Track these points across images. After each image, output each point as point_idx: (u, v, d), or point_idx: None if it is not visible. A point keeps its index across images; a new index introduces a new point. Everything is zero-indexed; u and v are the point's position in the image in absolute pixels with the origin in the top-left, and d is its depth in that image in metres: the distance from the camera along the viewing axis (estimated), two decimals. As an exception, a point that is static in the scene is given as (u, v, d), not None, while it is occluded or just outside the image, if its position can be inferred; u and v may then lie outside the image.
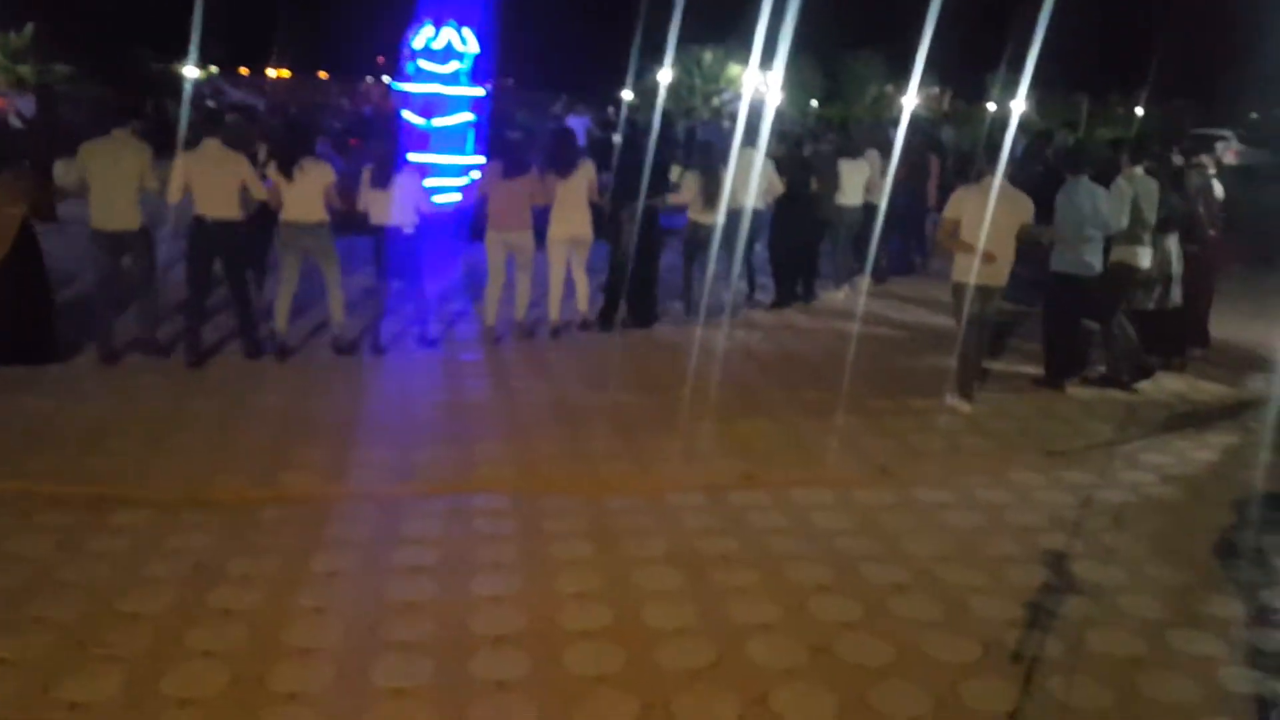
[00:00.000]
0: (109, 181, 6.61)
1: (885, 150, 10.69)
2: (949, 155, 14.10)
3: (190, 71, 23.37)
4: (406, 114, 12.32)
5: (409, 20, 12.71)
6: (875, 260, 10.53)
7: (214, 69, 38.19)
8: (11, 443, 5.38)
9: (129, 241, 6.77)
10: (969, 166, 11.63)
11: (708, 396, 6.74)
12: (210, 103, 21.63)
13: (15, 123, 14.43)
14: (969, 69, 35.03)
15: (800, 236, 9.69)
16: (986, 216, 6.48)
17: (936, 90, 39.01)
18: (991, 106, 31.93)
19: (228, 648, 3.56)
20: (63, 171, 7.17)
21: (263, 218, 7.33)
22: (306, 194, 6.96)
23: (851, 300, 9.92)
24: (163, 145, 7.84)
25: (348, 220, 7.56)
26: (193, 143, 6.90)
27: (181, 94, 21.08)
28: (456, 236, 10.11)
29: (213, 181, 6.69)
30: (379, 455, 5.49)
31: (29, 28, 26.55)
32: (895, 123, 14.51)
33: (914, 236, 12.16)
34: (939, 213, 8.31)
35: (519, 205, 7.61)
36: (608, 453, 5.73)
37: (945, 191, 9.58)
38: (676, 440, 5.95)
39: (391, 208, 7.31)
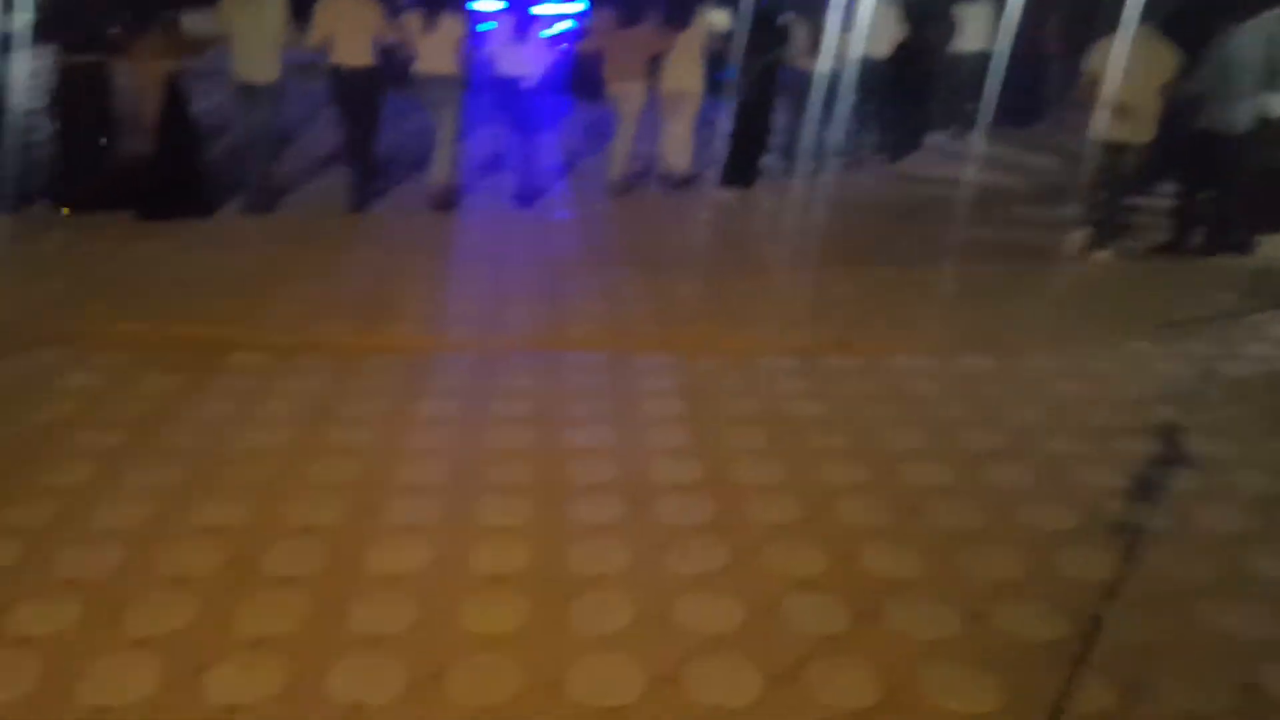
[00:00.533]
0: (250, 33, 6.69)
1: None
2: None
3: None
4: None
5: None
6: (988, 108, 10.05)
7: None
8: (146, 289, 5.67)
9: (265, 93, 6.87)
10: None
11: (806, 257, 6.66)
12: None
13: None
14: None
15: (915, 85, 9.30)
16: (1126, 67, 6.12)
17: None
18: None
19: (345, 481, 3.79)
20: (202, 21, 7.27)
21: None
22: (441, 47, 6.96)
23: (965, 151, 9.57)
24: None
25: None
26: None
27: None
28: (564, 90, 9.97)
29: (349, 30, 6.77)
30: (477, 309, 5.62)
31: None
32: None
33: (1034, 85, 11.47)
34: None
35: (634, 56, 7.46)
36: (701, 313, 5.75)
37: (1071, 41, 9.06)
38: (772, 302, 5.92)
39: (517, 59, 7.26)
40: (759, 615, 3.11)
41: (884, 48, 8.68)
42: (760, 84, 7.98)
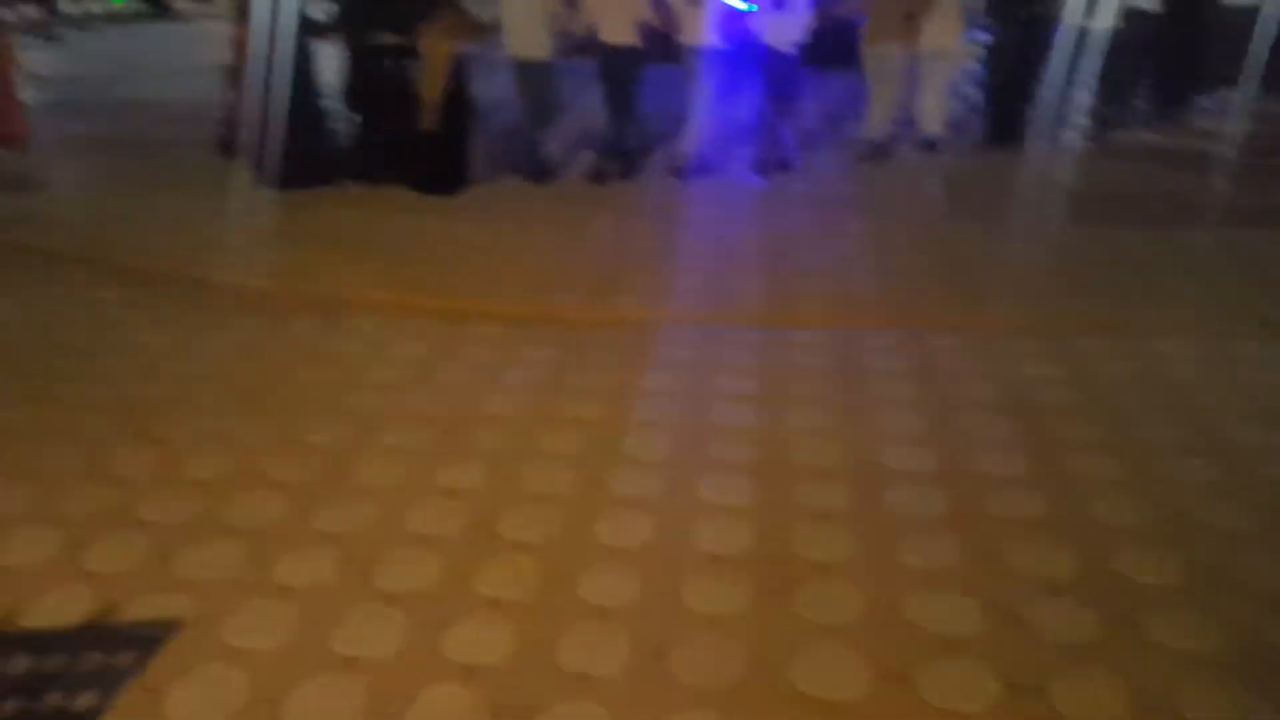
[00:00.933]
0: (521, 11, 7.01)
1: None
2: None
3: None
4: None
5: None
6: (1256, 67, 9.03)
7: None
8: (402, 259, 6.04)
9: (538, 69, 7.17)
10: None
11: (1050, 229, 6.23)
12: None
13: None
14: None
15: (1187, 41, 8.49)
16: None
17: None
18: None
19: (575, 452, 3.88)
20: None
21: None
22: (698, 18, 7.08)
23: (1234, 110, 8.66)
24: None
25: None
26: None
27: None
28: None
29: (614, 10, 6.98)
30: (705, 282, 5.61)
31: None
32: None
33: None
34: None
35: (893, 15, 7.25)
36: (937, 288, 5.49)
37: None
38: (1015, 277, 5.57)
39: (777, 28, 7.22)
40: (998, 617, 2.94)
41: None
42: (1025, 38, 7.55)
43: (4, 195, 7.25)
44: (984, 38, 8.41)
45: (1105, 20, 7.77)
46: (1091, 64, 7.89)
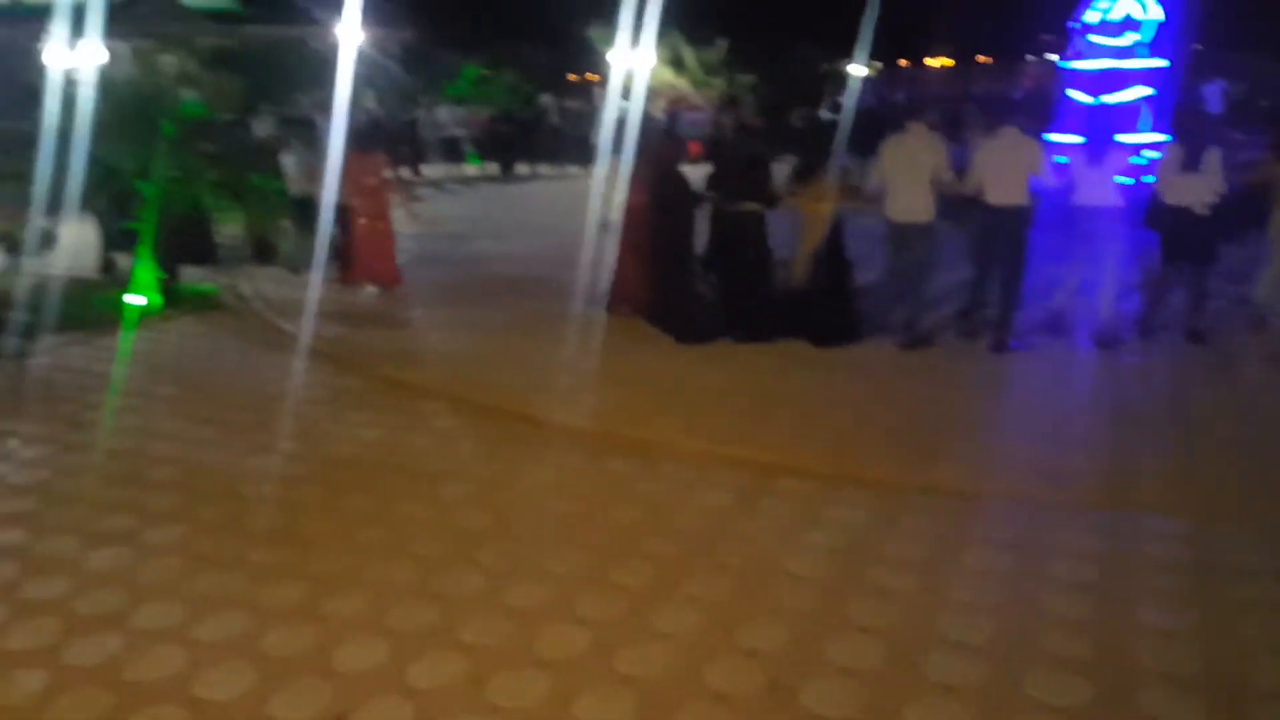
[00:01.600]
0: (906, 176, 7.02)
1: None
2: None
3: (857, 69, 24.75)
4: (1072, 92, 11.65)
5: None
6: None
7: (878, 65, 39.95)
8: (704, 406, 6.15)
9: (919, 233, 7.11)
10: None
11: None
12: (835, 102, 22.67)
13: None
14: None
15: None
16: None
17: None
18: None
19: (884, 626, 3.67)
20: (856, 169, 7.97)
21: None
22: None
23: None
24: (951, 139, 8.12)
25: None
26: (990, 131, 7.25)
27: (844, 92, 22.50)
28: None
29: (1004, 168, 6.91)
30: (1035, 455, 5.24)
31: (721, 43, 30.30)
32: None
33: None
34: None
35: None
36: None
37: None
38: None
39: (1101, 187, 7.03)
40: None
41: None
42: None
43: (374, 331, 8.23)
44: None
45: None
46: None
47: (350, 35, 14.69)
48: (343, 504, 4.86)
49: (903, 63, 45.67)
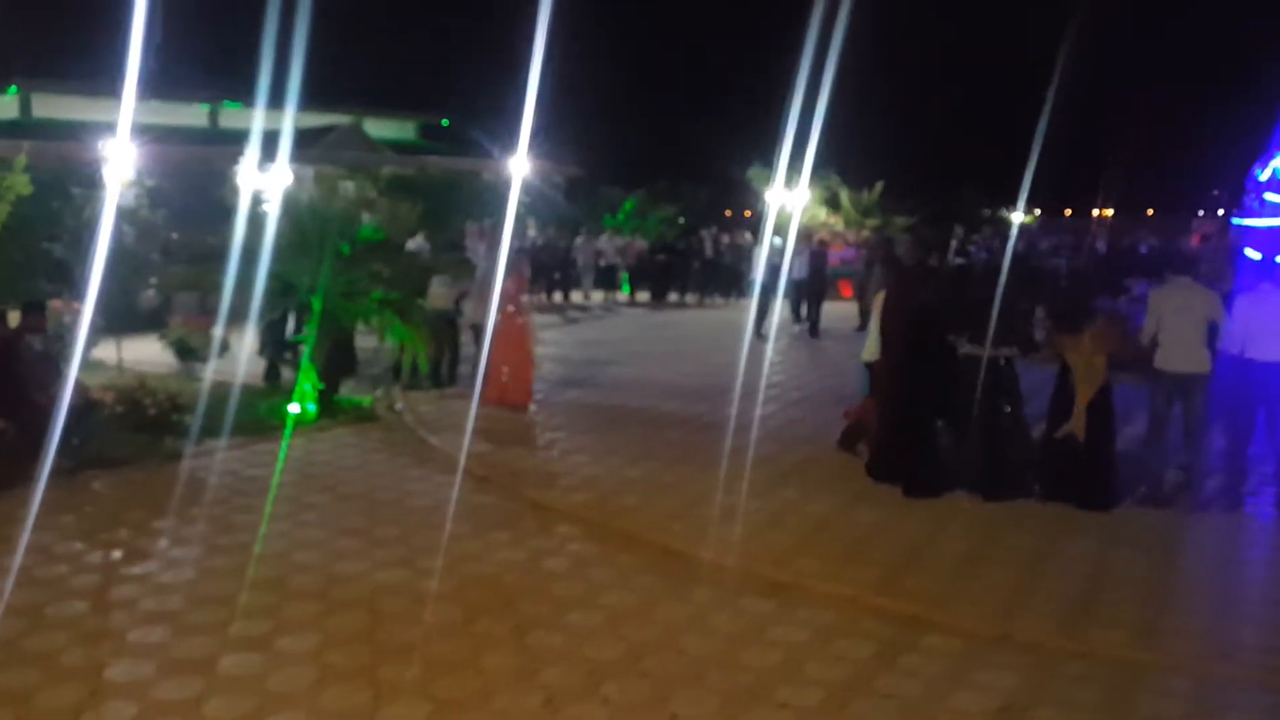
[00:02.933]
0: (1180, 325, 6.73)
1: None
2: None
3: (1017, 216, 24.47)
4: (1248, 250, 11.20)
5: (1257, 152, 11.68)
6: None
7: (1036, 212, 39.41)
8: (852, 551, 5.94)
9: (1195, 384, 6.77)
10: None
11: None
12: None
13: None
14: None
15: None
16: None
17: None
18: None
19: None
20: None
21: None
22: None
23: None
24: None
25: None
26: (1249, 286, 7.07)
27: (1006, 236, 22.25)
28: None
29: (1269, 323, 6.69)
30: (1199, 625, 4.81)
31: (878, 186, 30.61)
32: None
33: None
34: None
35: None
36: None
37: None
38: None
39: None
40: None
41: None
42: None
43: (519, 451, 8.39)
44: None
45: None
46: None
47: (519, 168, 15.59)
48: (475, 625, 4.87)
49: (1067, 212, 44.96)
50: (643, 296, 21.91)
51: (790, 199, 20.00)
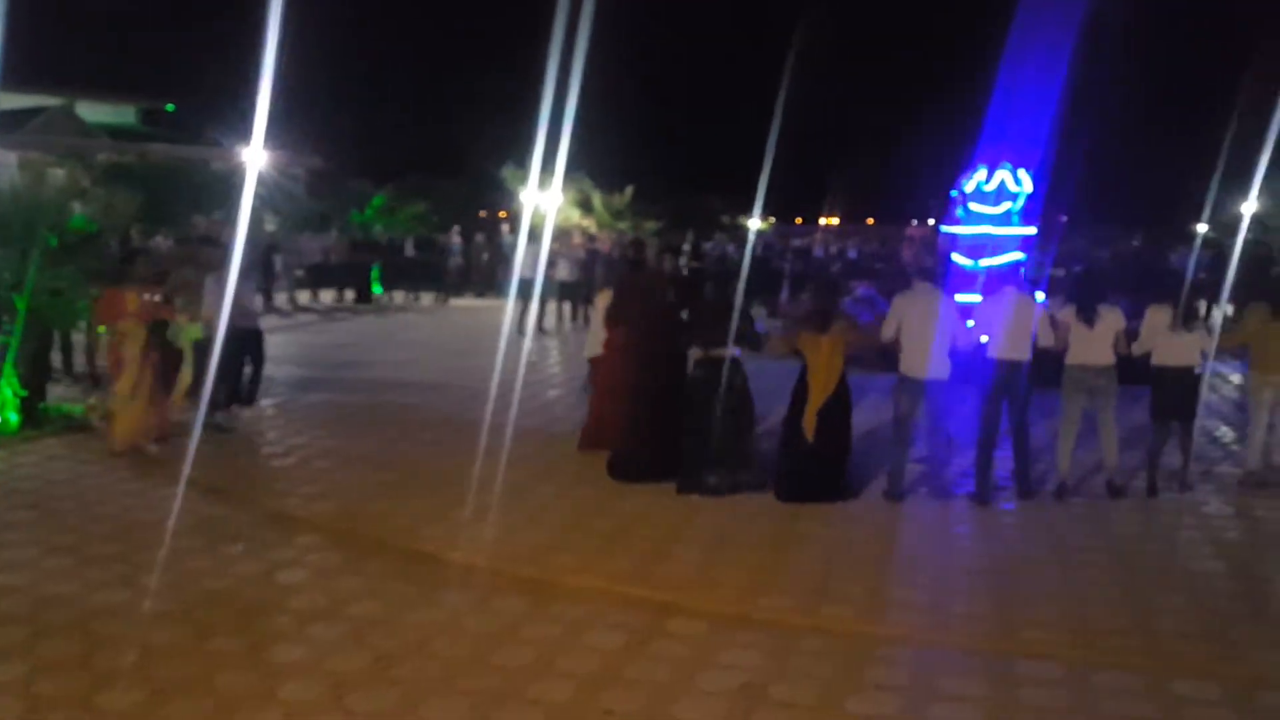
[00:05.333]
0: (923, 332, 7.00)
1: None
2: None
3: (754, 222, 25.82)
4: (955, 255, 12.36)
5: (961, 166, 12.89)
6: None
7: (771, 220, 41.89)
8: (605, 544, 6.04)
9: (936, 389, 7.07)
10: None
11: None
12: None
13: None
14: None
15: None
16: None
17: None
18: None
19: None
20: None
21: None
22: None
23: None
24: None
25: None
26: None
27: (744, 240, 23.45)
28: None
29: (1009, 324, 7.08)
30: (925, 599, 5.27)
31: (629, 190, 31.43)
32: None
33: None
34: None
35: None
36: (1181, 631, 4.90)
37: None
38: (1263, 624, 4.93)
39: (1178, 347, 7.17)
40: None
41: None
42: None
43: (253, 459, 7.92)
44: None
45: None
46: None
47: (254, 157, 14.68)
48: (207, 644, 4.55)
49: (798, 220, 48.19)
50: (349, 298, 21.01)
51: (544, 200, 20.12)
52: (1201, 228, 23.14)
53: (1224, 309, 9.11)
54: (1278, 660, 4.58)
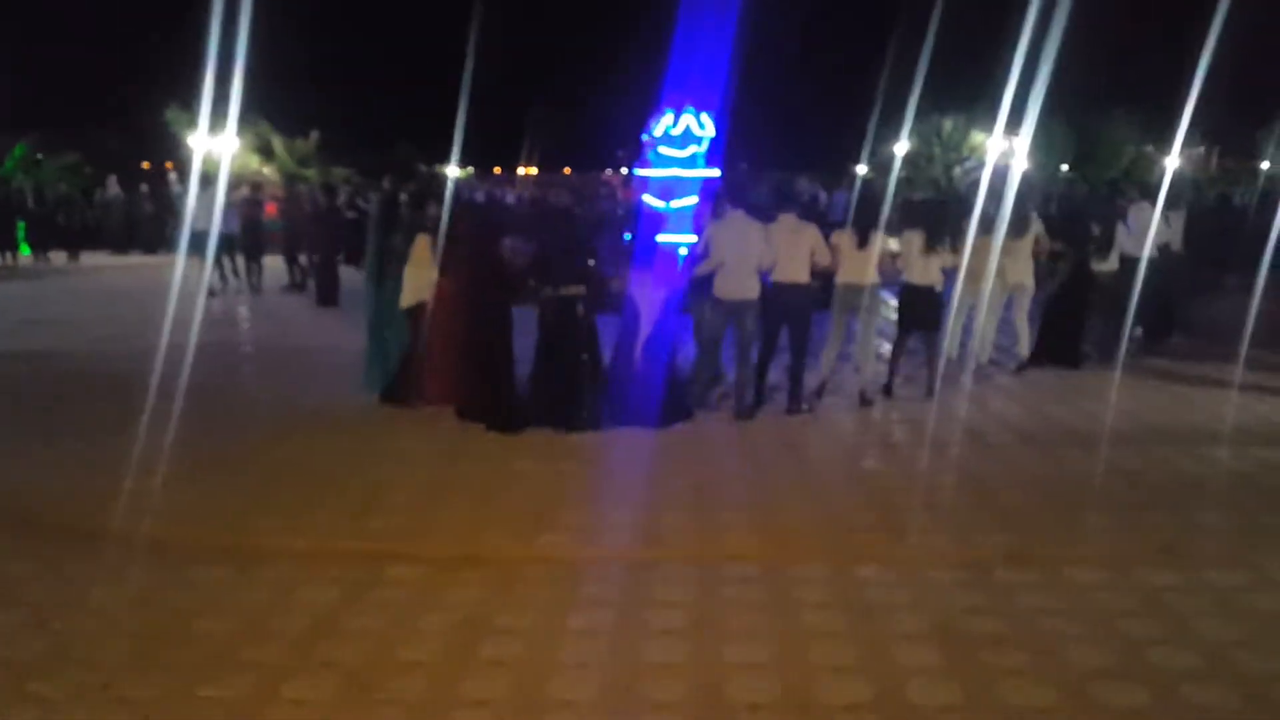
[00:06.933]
0: (736, 257, 7.48)
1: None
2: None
3: (452, 170, 25.50)
4: (647, 198, 12.89)
5: (649, 113, 13.40)
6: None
7: (470, 169, 41.44)
8: (308, 499, 5.85)
9: (748, 309, 7.57)
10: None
11: (969, 465, 6.46)
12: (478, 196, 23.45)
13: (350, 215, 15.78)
14: (1237, 125, 32.22)
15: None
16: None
17: (1202, 150, 35.65)
18: (1265, 165, 29.42)
19: (498, 697, 3.69)
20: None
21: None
22: (871, 259, 7.88)
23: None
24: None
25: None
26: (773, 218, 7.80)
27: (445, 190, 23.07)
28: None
29: (789, 249, 7.59)
30: (633, 519, 5.57)
31: (314, 135, 29.86)
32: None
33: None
34: None
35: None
36: (860, 524, 5.55)
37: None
38: (932, 512, 5.70)
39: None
40: None
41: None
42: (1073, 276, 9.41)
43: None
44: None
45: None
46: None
47: None
48: None
49: (496, 170, 48.05)
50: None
51: (217, 146, 18.68)
52: (861, 169, 25.58)
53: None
54: (931, 543, 5.30)
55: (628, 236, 8.09)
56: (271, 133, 27.67)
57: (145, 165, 29.41)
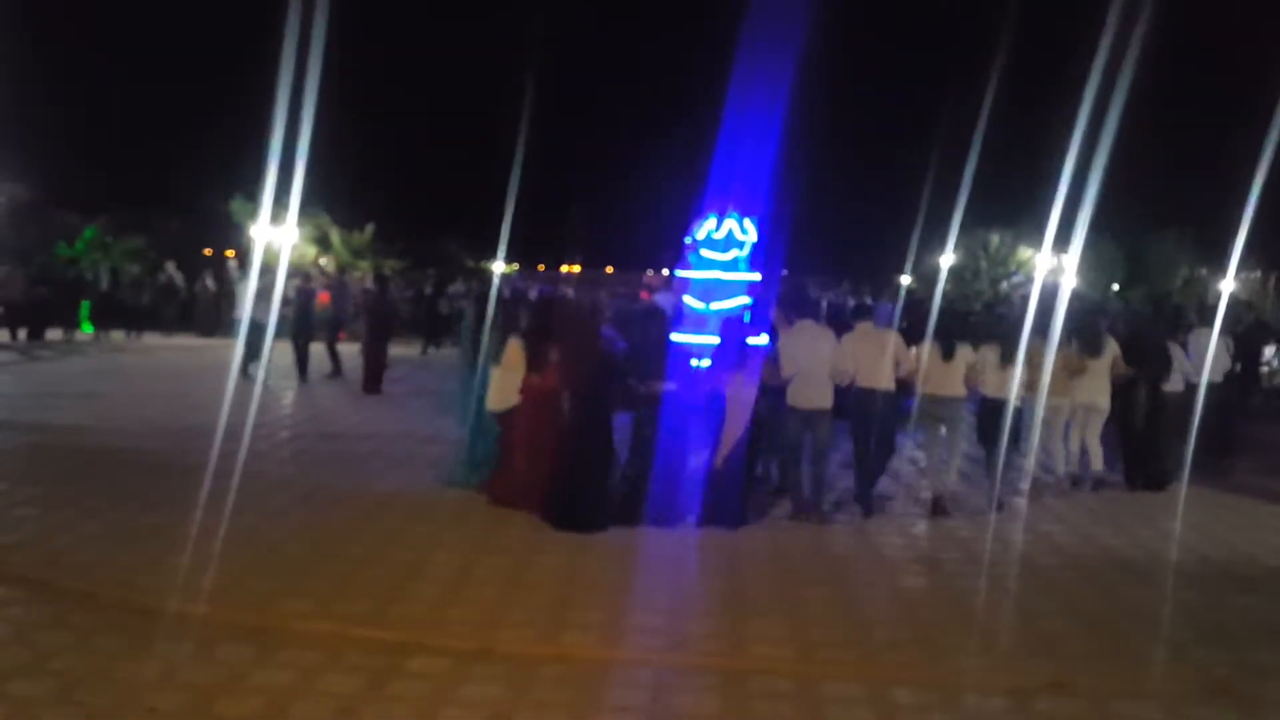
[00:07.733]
0: (809, 365, 7.61)
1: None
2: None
3: (497, 266, 25.93)
4: (687, 298, 13.05)
5: (692, 215, 13.67)
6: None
7: (515, 265, 42.31)
8: (336, 586, 5.80)
9: (822, 417, 7.69)
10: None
11: (1011, 588, 6.27)
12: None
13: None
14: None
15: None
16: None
17: (1259, 273, 35.06)
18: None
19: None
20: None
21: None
22: (957, 371, 8.01)
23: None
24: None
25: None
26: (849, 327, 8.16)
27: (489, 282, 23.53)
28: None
29: (871, 356, 7.74)
30: (660, 622, 5.45)
31: (370, 228, 30.71)
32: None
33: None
34: None
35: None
36: (892, 641, 5.38)
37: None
38: (974, 634, 5.51)
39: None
40: None
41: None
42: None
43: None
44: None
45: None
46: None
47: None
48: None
49: (540, 267, 48.90)
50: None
51: (277, 236, 19.26)
52: (905, 279, 25.66)
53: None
54: (970, 667, 5.12)
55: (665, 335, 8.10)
56: (330, 225, 28.50)
57: (207, 252, 30.33)
